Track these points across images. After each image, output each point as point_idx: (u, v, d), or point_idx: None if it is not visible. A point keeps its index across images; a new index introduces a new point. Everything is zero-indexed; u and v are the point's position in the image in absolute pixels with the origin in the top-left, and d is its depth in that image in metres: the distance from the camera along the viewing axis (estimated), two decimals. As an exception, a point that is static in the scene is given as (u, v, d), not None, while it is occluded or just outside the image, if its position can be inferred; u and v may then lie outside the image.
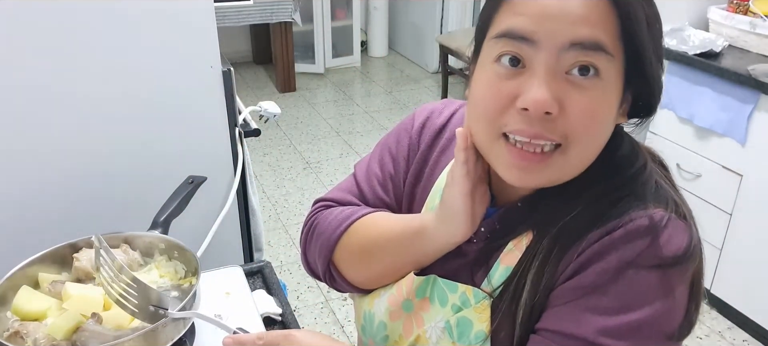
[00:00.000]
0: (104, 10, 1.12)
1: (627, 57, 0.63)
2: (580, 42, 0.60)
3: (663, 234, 0.64)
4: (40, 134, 1.16)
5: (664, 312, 0.64)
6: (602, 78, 0.62)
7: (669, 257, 0.64)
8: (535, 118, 0.62)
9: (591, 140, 0.65)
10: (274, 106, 1.55)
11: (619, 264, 0.63)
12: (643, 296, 0.63)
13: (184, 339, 0.95)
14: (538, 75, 0.61)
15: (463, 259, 0.75)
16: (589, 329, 0.63)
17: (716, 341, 2.40)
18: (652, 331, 0.63)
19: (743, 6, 2.42)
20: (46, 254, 1.01)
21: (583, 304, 0.64)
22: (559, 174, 0.67)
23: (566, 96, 0.62)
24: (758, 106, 2.18)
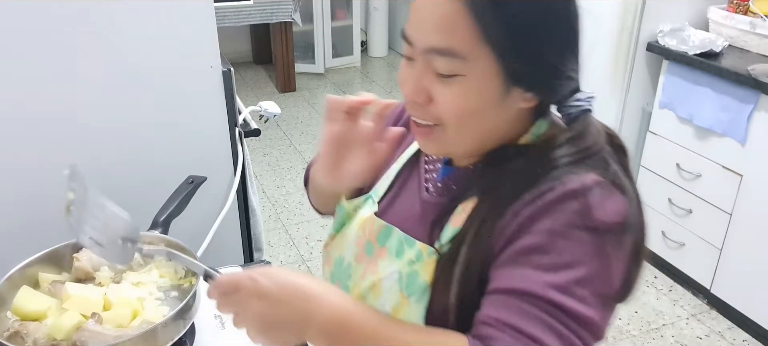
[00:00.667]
0: (104, 10, 1.12)
1: (496, 55, 0.70)
2: (434, 48, 0.71)
3: (593, 198, 0.70)
4: (40, 134, 1.16)
5: (601, 273, 0.69)
6: (465, 75, 0.71)
7: (601, 222, 0.69)
8: (410, 105, 0.76)
9: (464, 124, 0.75)
10: (274, 106, 1.55)
11: (555, 225, 0.69)
12: (581, 255, 0.68)
13: (184, 339, 0.95)
14: (412, 71, 0.75)
15: (424, 222, 0.83)
16: (539, 285, 0.67)
17: (716, 341, 2.40)
18: (593, 288, 0.68)
19: (743, 6, 2.42)
20: (46, 254, 1.01)
21: (528, 263, 0.69)
22: (447, 146, 0.79)
23: (433, 89, 0.73)
24: (758, 106, 2.18)
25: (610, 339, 2.42)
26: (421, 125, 0.77)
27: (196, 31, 1.21)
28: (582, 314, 0.66)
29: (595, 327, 0.67)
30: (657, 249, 2.73)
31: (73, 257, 1.01)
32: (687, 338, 2.42)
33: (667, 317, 2.53)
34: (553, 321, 0.66)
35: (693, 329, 2.46)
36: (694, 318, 2.52)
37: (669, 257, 2.69)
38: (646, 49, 2.53)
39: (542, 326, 0.66)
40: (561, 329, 0.65)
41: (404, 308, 0.80)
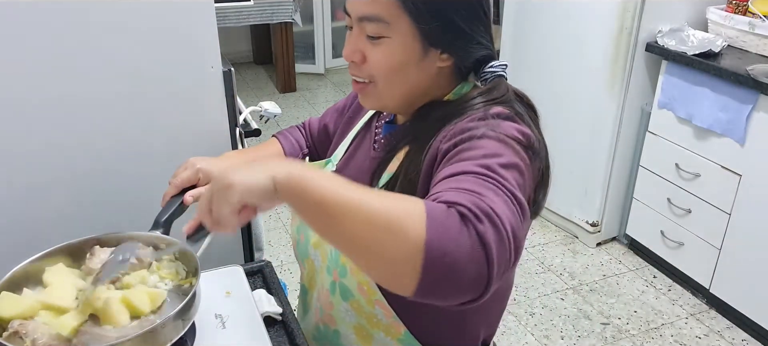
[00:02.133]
0: (104, 10, 1.13)
1: (413, 20, 0.87)
2: (364, 16, 0.89)
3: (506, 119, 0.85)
4: (40, 134, 1.16)
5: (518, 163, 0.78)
6: (389, 37, 0.88)
7: (523, 136, 0.83)
8: (350, 64, 0.94)
9: (392, 79, 0.92)
10: (275, 107, 1.56)
11: (475, 133, 0.81)
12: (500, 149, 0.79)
13: (185, 339, 0.95)
14: (351, 36, 0.93)
15: (369, 171, 0.99)
16: (470, 165, 0.76)
17: (715, 340, 2.41)
18: (514, 173, 0.77)
19: (742, 6, 2.42)
20: (46, 254, 1.01)
21: (462, 157, 0.79)
22: (380, 100, 0.95)
23: (366, 50, 0.91)
24: (757, 107, 2.19)
25: (609, 338, 2.42)
26: (358, 82, 0.95)
27: (197, 31, 1.22)
28: (512, 189, 0.73)
29: (518, 198, 0.73)
30: (656, 249, 2.74)
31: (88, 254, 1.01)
32: (686, 338, 2.42)
33: (667, 316, 2.54)
34: (489, 183, 0.72)
35: (692, 328, 2.47)
36: (693, 318, 2.52)
37: (668, 257, 2.69)
38: (645, 49, 2.54)
39: (480, 185, 0.72)
40: (497, 189, 0.72)
41: None
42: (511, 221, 0.68)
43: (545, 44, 2.82)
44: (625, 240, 2.97)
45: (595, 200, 2.86)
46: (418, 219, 0.65)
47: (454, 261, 0.64)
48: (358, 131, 1.12)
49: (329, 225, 0.69)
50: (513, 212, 0.70)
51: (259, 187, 0.71)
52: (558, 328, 2.47)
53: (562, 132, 2.80)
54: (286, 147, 1.27)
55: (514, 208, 0.71)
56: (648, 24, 2.50)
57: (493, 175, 0.74)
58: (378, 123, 1.08)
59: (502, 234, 0.67)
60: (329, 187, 0.68)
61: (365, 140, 1.09)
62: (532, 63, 2.88)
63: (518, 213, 0.71)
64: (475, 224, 0.65)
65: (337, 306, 1.03)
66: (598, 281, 2.75)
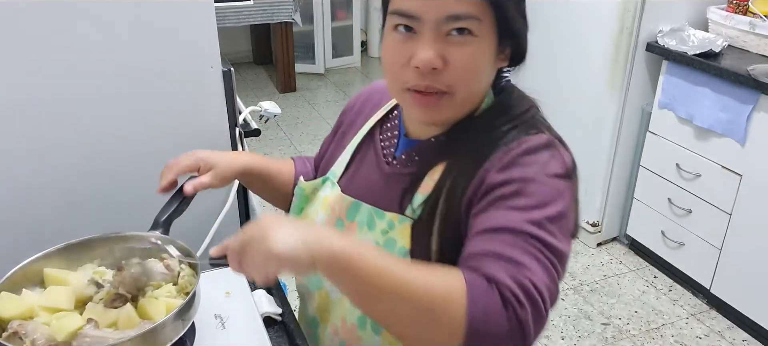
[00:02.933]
0: (104, 10, 1.12)
1: (496, 16, 0.81)
2: (453, 15, 0.79)
3: (554, 150, 0.82)
4: (40, 134, 1.16)
5: (566, 211, 0.78)
6: (476, 35, 0.80)
7: (562, 169, 0.81)
8: (425, 73, 0.81)
9: (472, 83, 0.84)
10: (275, 107, 1.55)
11: (526, 173, 0.79)
12: (550, 197, 0.77)
13: (184, 339, 0.95)
14: (424, 40, 0.80)
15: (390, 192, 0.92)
16: (517, 221, 0.75)
17: (716, 340, 2.41)
18: (561, 225, 0.77)
19: (743, 6, 2.42)
20: (46, 254, 1.01)
21: (504, 206, 0.77)
22: (453, 111, 0.86)
23: (448, 52, 0.80)
24: (758, 107, 2.18)
25: (610, 338, 2.42)
26: (430, 94, 0.83)
27: (197, 31, 1.21)
28: (556, 246, 0.74)
29: (565, 259, 0.76)
30: (657, 249, 2.74)
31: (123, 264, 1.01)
32: (687, 338, 2.42)
33: (667, 316, 2.53)
34: (532, 249, 0.73)
35: (693, 328, 2.47)
36: (693, 318, 2.52)
37: (669, 257, 2.69)
38: (646, 49, 2.53)
39: (522, 251, 0.72)
40: (539, 256, 0.72)
41: None
42: (551, 291, 0.72)
43: (545, 44, 2.82)
44: (625, 240, 2.97)
45: (596, 200, 2.86)
46: (458, 300, 0.68)
47: (493, 343, 0.68)
48: (358, 145, 1.03)
49: (370, 302, 0.71)
50: (553, 279, 0.73)
51: (297, 260, 0.69)
52: (558, 328, 2.47)
53: (563, 132, 2.77)
54: (299, 167, 1.19)
55: (555, 271, 0.74)
56: (648, 24, 2.49)
57: (540, 233, 0.74)
58: (383, 136, 1.00)
59: (541, 310, 0.70)
60: (372, 265, 0.69)
61: (369, 154, 1.00)
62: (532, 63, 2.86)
63: (559, 273, 0.74)
64: (516, 309, 0.68)
65: (368, 341, 0.95)
66: (598, 281, 2.74)
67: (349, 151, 1.03)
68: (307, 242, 0.69)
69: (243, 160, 1.09)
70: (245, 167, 1.08)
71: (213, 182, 1.03)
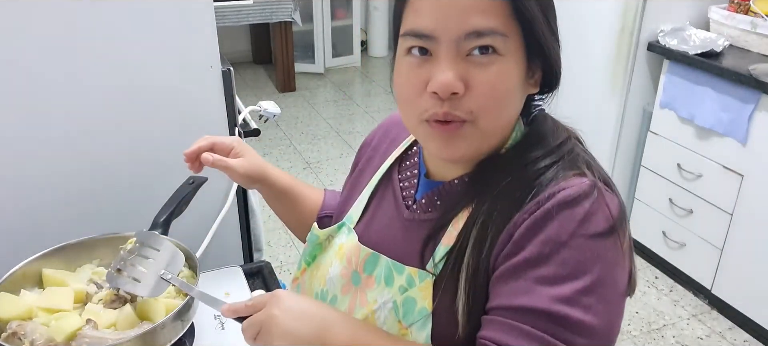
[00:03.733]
0: (104, 10, 1.12)
1: (524, 32, 0.71)
2: (474, 31, 0.68)
3: (592, 204, 0.69)
4: (39, 134, 1.16)
5: (606, 277, 0.68)
6: (501, 54, 0.70)
7: (602, 227, 0.68)
8: (444, 99, 0.70)
9: (498, 109, 0.72)
10: (274, 106, 1.55)
11: (555, 235, 0.68)
12: (586, 263, 0.67)
13: (184, 340, 0.95)
14: (442, 61, 0.70)
15: (410, 241, 0.81)
16: (543, 300, 0.66)
17: (717, 341, 2.40)
18: (600, 294, 0.66)
19: (744, 5, 2.42)
20: (45, 255, 1.01)
21: (531, 276, 0.67)
22: (476, 144, 0.74)
23: (470, 75, 0.70)
24: (759, 106, 2.18)
25: (610, 340, 2.42)
26: (450, 123, 0.72)
27: (196, 30, 1.21)
28: (586, 323, 0.65)
29: (599, 333, 0.66)
30: (658, 249, 2.73)
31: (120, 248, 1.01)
32: (688, 339, 2.41)
33: (668, 317, 2.53)
34: (550, 338, 0.65)
35: (694, 329, 2.46)
36: (695, 318, 2.52)
37: (670, 258, 2.68)
38: (647, 48, 2.53)
39: (539, 342, 0.65)
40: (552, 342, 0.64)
41: (407, 335, 0.77)
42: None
43: (546, 44, 2.82)
44: (626, 240, 2.96)
45: (596, 200, 2.85)
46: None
47: None
48: (375, 187, 0.92)
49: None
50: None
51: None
52: (559, 329, 2.46)
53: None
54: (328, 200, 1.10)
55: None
56: (649, 23, 2.49)
57: (566, 311, 0.65)
58: (402, 176, 0.89)
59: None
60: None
61: (387, 199, 0.89)
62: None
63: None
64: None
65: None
66: (599, 281, 2.74)
67: (367, 193, 0.92)
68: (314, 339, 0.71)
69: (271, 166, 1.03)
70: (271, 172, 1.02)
71: (237, 167, 0.97)
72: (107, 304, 0.95)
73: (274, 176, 1.03)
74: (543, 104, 0.80)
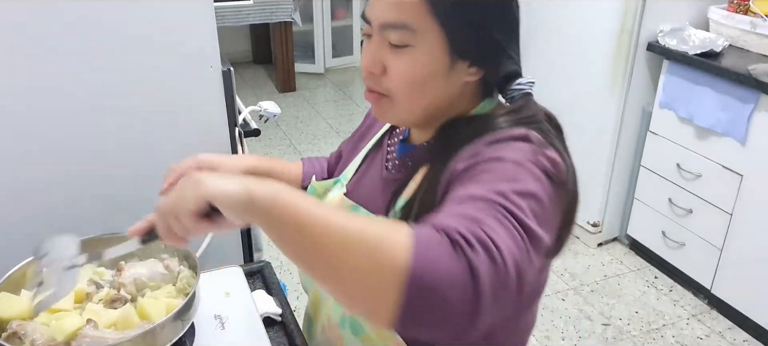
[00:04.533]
0: (104, 10, 1.12)
1: (443, 28, 0.79)
2: (388, 23, 0.81)
3: (536, 141, 0.76)
4: (39, 134, 1.16)
5: (544, 200, 0.71)
6: (414, 46, 0.80)
7: (548, 166, 0.74)
8: (367, 75, 0.85)
9: (411, 92, 0.83)
10: (274, 106, 1.55)
11: (500, 154, 0.74)
12: (525, 176, 0.72)
13: (184, 340, 0.95)
14: (370, 45, 0.84)
15: (383, 198, 0.91)
16: (480, 191, 0.69)
17: (717, 341, 2.40)
18: (533, 207, 0.69)
19: (743, 6, 2.42)
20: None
21: (476, 179, 0.73)
22: (399, 115, 0.87)
23: (387, 60, 0.82)
24: (758, 106, 2.18)
25: (610, 339, 2.42)
26: (373, 93, 0.86)
27: (196, 31, 1.21)
28: (524, 220, 0.66)
29: (538, 241, 0.67)
30: (657, 249, 2.73)
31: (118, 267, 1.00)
32: (687, 339, 2.41)
33: (668, 317, 2.53)
34: (497, 213, 0.66)
35: (693, 329, 2.46)
36: (694, 318, 2.52)
37: (669, 258, 2.68)
38: (647, 49, 2.53)
39: (485, 213, 0.66)
40: (504, 221, 0.65)
41: None
42: (514, 255, 0.63)
43: (546, 44, 2.82)
44: (626, 241, 2.96)
45: (596, 200, 2.85)
46: (403, 244, 0.61)
47: (440, 290, 0.59)
48: (369, 150, 1.04)
49: (305, 247, 0.64)
50: (519, 245, 0.65)
51: (232, 192, 0.66)
52: (559, 329, 2.46)
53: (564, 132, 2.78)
54: (307, 168, 1.19)
55: (522, 240, 0.65)
56: (649, 23, 2.49)
57: (505, 202, 0.67)
58: (390, 141, 1.01)
59: (499, 266, 0.61)
60: (308, 207, 0.64)
61: (376, 159, 1.01)
62: (533, 63, 2.86)
63: (526, 246, 0.65)
64: (467, 252, 0.61)
65: (348, 341, 0.95)
66: (599, 281, 2.74)
67: (362, 154, 1.04)
68: (244, 182, 0.66)
69: (247, 163, 1.08)
70: (251, 168, 1.07)
71: None
72: (107, 304, 0.95)
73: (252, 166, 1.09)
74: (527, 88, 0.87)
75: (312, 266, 0.65)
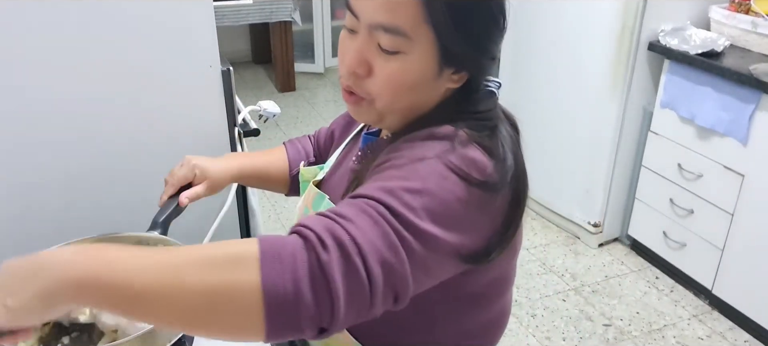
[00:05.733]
0: (103, 9, 1.12)
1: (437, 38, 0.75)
2: (380, 25, 0.75)
3: (454, 141, 0.75)
4: (38, 134, 1.15)
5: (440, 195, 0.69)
6: (406, 52, 0.76)
7: (459, 166, 0.72)
8: (350, 74, 0.80)
9: (394, 97, 0.80)
10: (274, 106, 1.54)
11: (413, 153, 0.74)
12: (426, 174, 0.71)
13: (183, 340, 0.94)
14: (356, 43, 0.78)
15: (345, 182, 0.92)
16: (374, 187, 0.69)
17: (718, 341, 2.40)
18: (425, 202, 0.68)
19: (745, 5, 2.41)
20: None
21: (380, 175, 0.73)
22: (376, 117, 0.84)
23: (375, 62, 0.78)
24: (760, 106, 2.17)
25: (611, 340, 2.41)
26: (352, 95, 0.82)
27: (196, 30, 1.20)
28: (404, 215, 0.66)
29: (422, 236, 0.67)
30: (658, 249, 2.73)
31: None
32: (688, 339, 2.41)
33: (669, 317, 2.52)
34: (369, 209, 0.65)
35: (694, 329, 2.46)
36: (695, 319, 2.51)
37: (670, 258, 2.68)
38: (648, 48, 2.53)
39: (354, 209, 0.65)
40: (374, 215, 0.65)
41: None
42: (379, 254, 0.63)
43: (547, 44, 2.81)
44: (627, 241, 2.96)
45: (597, 200, 2.85)
46: (250, 263, 0.59)
47: (294, 295, 0.59)
48: (349, 141, 1.05)
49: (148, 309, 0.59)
50: (390, 243, 0.64)
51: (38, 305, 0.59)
52: (560, 329, 2.46)
53: (564, 132, 2.79)
54: (291, 154, 1.22)
55: (396, 238, 0.64)
56: (650, 23, 2.48)
57: (389, 199, 0.67)
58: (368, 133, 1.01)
59: (355, 264, 0.61)
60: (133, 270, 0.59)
61: (352, 151, 1.02)
62: (533, 62, 2.87)
63: (399, 245, 0.64)
64: (318, 251, 0.60)
65: None
66: (600, 282, 2.73)
67: (343, 146, 1.07)
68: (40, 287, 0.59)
69: (235, 164, 1.13)
70: (238, 171, 1.14)
71: (207, 191, 1.09)
72: None
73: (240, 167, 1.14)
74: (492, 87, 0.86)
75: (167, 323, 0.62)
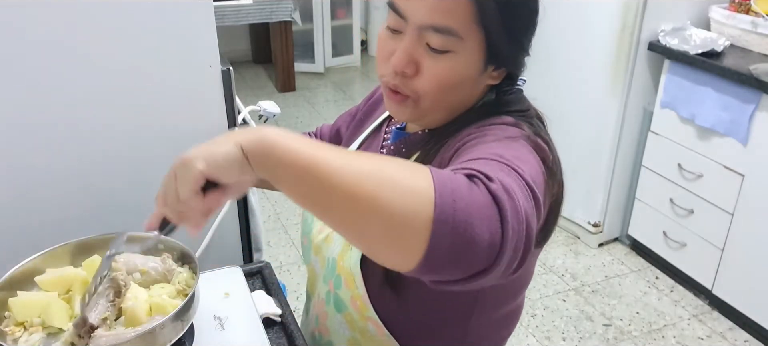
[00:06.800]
0: (103, 9, 1.12)
1: (486, 37, 0.78)
2: (433, 26, 0.77)
3: (532, 139, 0.78)
4: (39, 134, 1.15)
5: (536, 172, 0.71)
6: (455, 52, 0.78)
7: (540, 146, 0.76)
8: (397, 74, 0.81)
9: (441, 96, 0.82)
10: (274, 106, 1.54)
11: (496, 133, 0.77)
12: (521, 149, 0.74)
13: (183, 340, 0.94)
14: (404, 43, 0.80)
15: None
16: (484, 153, 0.70)
17: (718, 341, 2.40)
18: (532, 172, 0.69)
19: (745, 5, 2.41)
20: (46, 255, 1.00)
21: (471, 150, 0.74)
22: (419, 115, 0.85)
23: (423, 62, 0.80)
24: (760, 106, 2.17)
25: (611, 339, 2.41)
26: (398, 93, 0.83)
27: (195, 30, 1.20)
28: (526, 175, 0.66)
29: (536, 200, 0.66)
30: (658, 249, 2.73)
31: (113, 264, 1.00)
32: (688, 339, 2.41)
33: (669, 317, 2.52)
34: (503, 166, 0.66)
35: (694, 329, 2.46)
36: (695, 319, 2.51)
37: (670, 258, 2.68)
38: (648, 48, 2.53)
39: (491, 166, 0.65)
40: (511, 171, 0.65)
41: (346, 253, 0.91)
42: (525, 204, 0.61)
43: (547, 43, 2.80)
44: (627, 241, 2.96)
45: (597, 200, 2.85)
46: (422, 175, 0.58)
47: (467, 218, 0.56)
48: (367, 135, 1.06)
49: (314, 189, 0.59)
50: (526, 197, 0.63)
51: (223, 154, 0.62)
52: (560, 329, 2.46)
53: (564, 132, 2.78)
54: None
55: (529, 195, 0.63)
56: (650, 23, 2.49)
57: (506, 162, 0.66)
58: (388, 128, 1.02)
59: (516, 203, 0.59)
60: (308, 147, 0.59)
61: (373, 145, 1.03)
62: (533, 62, 2.85)
63: (533, 203, 0.64)
64: (486, 183, 0.59)
65: (332, 317, 0.99)
66: (600, 282, 2.73)
67: (361, 138, 1.05)
68: (230, 136, 0.63)
69: None
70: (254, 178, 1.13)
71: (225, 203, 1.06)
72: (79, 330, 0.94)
73: None
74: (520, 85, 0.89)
75: (326, 209, 0.60)
